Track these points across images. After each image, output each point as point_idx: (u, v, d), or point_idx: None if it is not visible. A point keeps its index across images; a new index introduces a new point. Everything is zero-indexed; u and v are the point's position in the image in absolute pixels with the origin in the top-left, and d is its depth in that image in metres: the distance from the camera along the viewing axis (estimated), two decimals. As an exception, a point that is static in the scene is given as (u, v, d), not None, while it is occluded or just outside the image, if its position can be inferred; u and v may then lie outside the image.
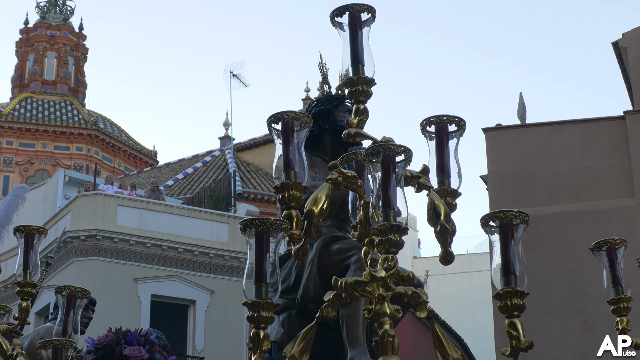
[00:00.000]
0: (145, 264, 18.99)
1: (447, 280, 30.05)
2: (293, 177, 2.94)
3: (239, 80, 24.87)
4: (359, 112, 3.07)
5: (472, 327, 27.78)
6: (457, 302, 29.58)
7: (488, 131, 14.69)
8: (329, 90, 4.76)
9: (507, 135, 14.84)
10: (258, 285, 2.71)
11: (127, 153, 33.62)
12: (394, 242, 2.60)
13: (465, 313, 29.05)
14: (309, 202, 2.95)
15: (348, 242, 4.30)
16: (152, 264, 19.08)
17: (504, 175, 14.43)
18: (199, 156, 28.15)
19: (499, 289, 2.65)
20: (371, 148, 2.66)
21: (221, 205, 21.81)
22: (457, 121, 2.99)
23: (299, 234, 2.93)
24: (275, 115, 2.97)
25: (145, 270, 18.93)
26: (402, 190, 2.67)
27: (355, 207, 3.20)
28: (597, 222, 13.19)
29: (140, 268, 18.88)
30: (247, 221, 2.73)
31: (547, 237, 13.37)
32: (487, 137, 14.64)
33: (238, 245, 19.62)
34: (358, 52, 3.05)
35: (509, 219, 2.67)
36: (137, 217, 19.25)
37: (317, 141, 4.68)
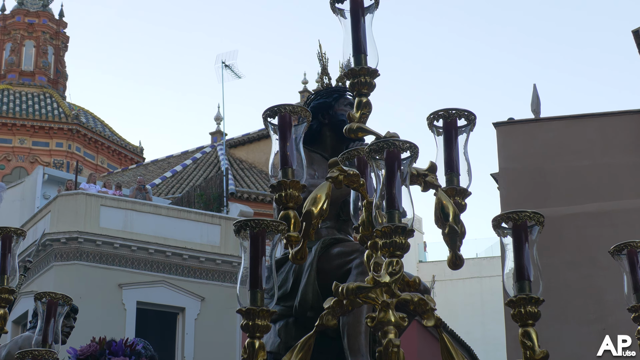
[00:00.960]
0: (131, 269, 18.98)
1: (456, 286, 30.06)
2: (290, 175, 2.95)
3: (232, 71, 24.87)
4: (362, 105, 3.08)
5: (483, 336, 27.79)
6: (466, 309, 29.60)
7: (499, 126, 14.71)
8: (328, 82, 4.76)
9: (519, 130, 14.85)
10: (253, 291, 2.72)
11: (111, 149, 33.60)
12: (399, 245, 2.61)
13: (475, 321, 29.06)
14: (307, 202, 2.96)
15: (349, 245, 4.30)
16: (138, 269, 19.07)
17: (516, 173, 14.44)
18: (188, 153, 28.15)
19: (512, 296, 2.65)
20: (374, 144, 2.66)
21: (212, 206, 21.80)
22: (467, 115, 3.00)
23: (297, 236, 2.93)
24: (272, 109, 2.97)
25: (130, 276, 18.92)
26: (408, 190, 2.68)
27: (357, 208, 3.21)
28: (617, 223, 13.20)
29: (126, 273, 18.87)
30: (241, 222, 2.74)
31: (563, 240, 13.38)
32: (499, 133, 14.65)
33: (231, 249, 19.61)
34: (360, 40, 3.05)
35: (522, 220, 2.68)
36: (121, 218, 19.24)
37: (316, 137, 4.69)
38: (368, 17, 3.08)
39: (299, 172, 2.98)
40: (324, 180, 3.09)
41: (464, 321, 28.01)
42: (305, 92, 27.86)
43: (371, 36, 3.08)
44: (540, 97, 15.60)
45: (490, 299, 28.09)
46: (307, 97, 4.86)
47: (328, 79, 4.76)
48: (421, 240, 32.27)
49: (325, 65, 4.73)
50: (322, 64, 4.73)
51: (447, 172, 2.98)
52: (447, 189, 2.95)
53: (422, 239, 32.49)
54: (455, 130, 2.98)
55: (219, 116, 28.28)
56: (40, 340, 3.43)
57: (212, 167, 25.96)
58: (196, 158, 26.94)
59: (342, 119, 4.63)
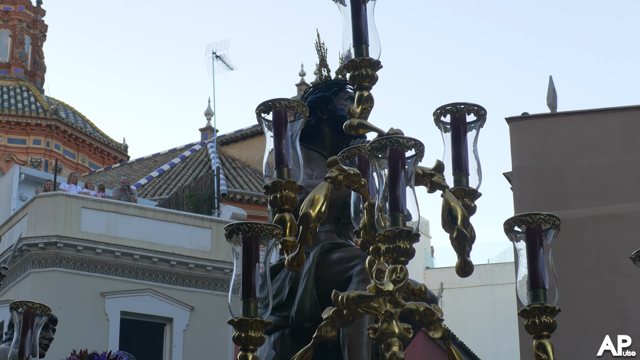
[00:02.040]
0: (114, 276, 18.98)
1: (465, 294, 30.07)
2: (286, 175, 2.95)
3: (223, 63, 24.88)
4: (363, 99, 3.09)
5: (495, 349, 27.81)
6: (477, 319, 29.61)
7: (512, 121, 14.71)
8: (327, 74, 4.76)
9: (534, 125, 14.86)
10: (246, 300, 2.72)
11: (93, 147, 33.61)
12: (403, 250, 2.62)
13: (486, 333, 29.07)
14: (304, 204, 2.97)
15: (350, 250, 4.31)
16: (122, 276, 19.07)
17: (530, 172, 14.45)
18: (176, 151, 28.15)
19: (526, 305, 2.66)
20: (377, 141, 2.67)
21: (203, 208, 21.80)
22: (477, 110, 3.00)
23: (294, 241, 2.94)
24: (266, 104, 2.98)
25: (113, 284, 18.92)
26: (413, 191, 2.68)
27: (358, 210, 3.21)
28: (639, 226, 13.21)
29: (108, 281, 18.87)
30: (234, 226, 2.74)
31: (581, 245, 13.38)
32: (512, 128, 14.65)
33: (222, 254, 19.62)
34: (361, 30, 3.05)
35: (537, 224, 2.69)
36: (104, 221, 19.24)
37: (313, 133, 4.69)
38: (370, 5, 3.08)
39: (295, 172, 2.99)
40: (323, 181, 3.10)
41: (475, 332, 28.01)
42: (302, 84, 27.87)
43: (373, 25, 3.08)
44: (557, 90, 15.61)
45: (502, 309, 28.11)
46: (304, 90, 4.87)
47: (327, 71, 4.77)
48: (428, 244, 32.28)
49: (324, 57, 4.74)
50: (321, 55, 4.74)
51: (455, 172, 2.98)
52: (455, 190, 2.95)
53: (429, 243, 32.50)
54: (464, 126, 2.99)
55: (210, 111, 28.29)
56: (17, 354, 3.43)
57: (202, 166, 25.96)
58: (185, 156, 26.95)
59: (341, 115, 4.64)
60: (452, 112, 2.99)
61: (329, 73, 4.76)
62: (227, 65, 24.99)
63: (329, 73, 4.76)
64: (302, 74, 27.97)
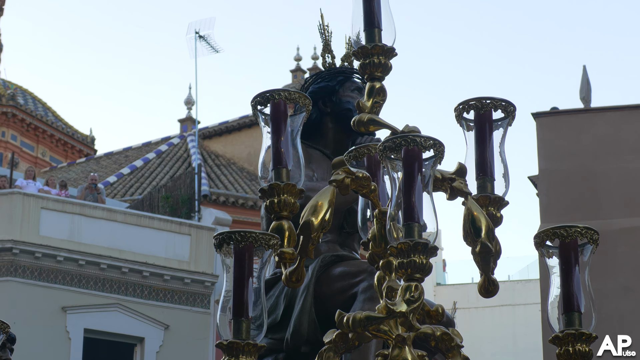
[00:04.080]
0: (77, 288, 18.97)
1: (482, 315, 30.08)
2: (285, 177, 2.97)
3: (207, 44, 24.87)
4: (374, 91, 3.10)
5: (514, 378, 27.81)
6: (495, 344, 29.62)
7: (540, 117, 14.74)
8: (332, 61, 4.78)
9: (565, 122, 14.88)
10: (237, 320, 2.74)
11: (55, 138, 33.59)
12: (419, 265, 2.63)
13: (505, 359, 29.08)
14: (306, 211, 2.98)
15: (355, 264, 4.32)
16: (87, 288, 19.06)
17: (560, 176, 14.47)
18: (151, 144, 28.15)
19: (558, 331, 2.67)
20: (390, 140, 2.68)
21: (181, 211, 21.80)
22: (505, 106, 3.02)
23: (293, 252, 2.95)
24: (263, 95, 2.99)
25: (77, 297, 18.91)
26: (431, 197, 2.70)
27: (366, 218, 3.23)
28: (684, 240, 13.23)
29: (71, 293, 18.86)
30: (224, 235, 2.75)
31: (617, 260, 13.40)
32: (539, 125, 14.68)
33: (203, 264, 19.62)
34: (374, 11, 3.07)
35: (572, 238, 2.70)
36: (67, 224, 19.23)
37: (315, 129, 4.71)
38: (384, -18, 3.10)
39: (295, 174, 3.00)
40: (326, 184, 3.11)
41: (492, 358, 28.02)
42: (298, 70, 27.88)
43: (387, 7, 3.10)
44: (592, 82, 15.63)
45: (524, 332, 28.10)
46: (304, 79, 4.89)
47: (331, 57, 4.78)
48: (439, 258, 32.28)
49: (328, 41, 4.75)
50: (324, 38, 4.75)
51: (479, 176, 2.99)
52: (479, 197, 2.96)
53: (441, 256, 32.51)
54: (489, 124, 3.00)
55: (191, 99, 28.28)
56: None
57: (180, 162, 25.96)
58: (161, 151, 26.94)
59: (347, 108, 4.65)
60: (477, 108, 3.00)
61: (334, 60, 4.78)
62: (211, 47, 24.98)
63: (334, 60, 4.78)
64: (297, 58, 27.98)
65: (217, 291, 19.35)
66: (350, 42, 4.70)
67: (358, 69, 3.24)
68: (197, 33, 24.63)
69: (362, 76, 3.18)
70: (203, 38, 24.72)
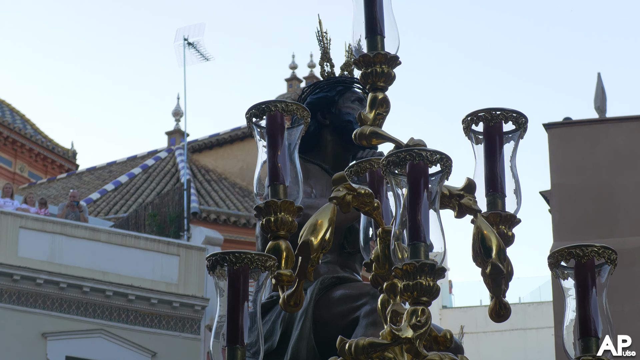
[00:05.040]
0: (58, 313, 18.96)
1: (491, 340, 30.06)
2: (282, 193, 2.97)
3: (197, 51, 24.91)
4: (377, 102, 3.11)
5: (526, 407, 27.78)
6: (505, 371, 29.59)
7: (552, 128, 14.75)
8: (331, 70, 4.79)
9: (578, 134, 14.89)
10: (231, 348, 2.74)
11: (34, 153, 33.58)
12: (426, 288, 2.64)
13: (516, 388, 29.05)
14: (305, 230, 2.99)
15: (357, 286, 4.32)
16: (69, 313, 19.04)
17: (573, 190, 14.47)
18: (137, 159, 28.14)
19: (574, 357, 2.68)
20: (394, 154, 2.69)
21: (169, 229, 21.80)
22: (516, 117, 3.03)
23: (291, 275, 2.96)
24: (258, 107, 3.00)
25: (57, 322, 18.88)
26: (438, 215, 2.70)
27: (368, 238, 3.23)
28: None
29: (51, 318, 18.84)
30: (218, 256, 2.76)
31: (635, 281, 13.40)
32: (551, 137, 14.69)
33: (192, 287, 19.61)
34: (376, 17, 3.08)
35: (589, 258, 2.70)
36: (47, 245, 19.22)
37: (313, 142, 4.71)
38: (387, -14, 3.11)
39: (293, 190, 3.01)
40: (326, 201, 3.11)
41: (502, 386, 27.99)
42: (293, 79, 27.91)
43: (390, 13, 3.11)
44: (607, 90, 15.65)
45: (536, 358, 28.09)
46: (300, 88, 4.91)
47: (330, 66, 4.79)
48: (445, 279, 32.28)
49: (327, 48, 4.76)
50: (323, 45, 4.76)
51: (489, 193, 3.00)
52: (489, 215, 2.97)
53: (447, 277, 32.50)
54: (500, 137, 3.01)
55: (179, 110, 28.32)
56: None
57: (168, 177, 25.97)
58: (147, 166, 26.95)
59: (347, 120, 4.66)
60: (486, 120, 3.01)
61: (333, 69, 4.79)
62: (201, 55, 25.02)
63: (333, 69, 4.79)
64: (293, 66, 28.02)
65: (207, 316, 19.34)
66: (350, 50, 4.71)
67: (359, 79, 3.25)
68: (185, 40, 24.68)
69: (364, 86, 3.20)
70: (192, 45, 24.76)
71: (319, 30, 4.75)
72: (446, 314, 30.58)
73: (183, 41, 24.64)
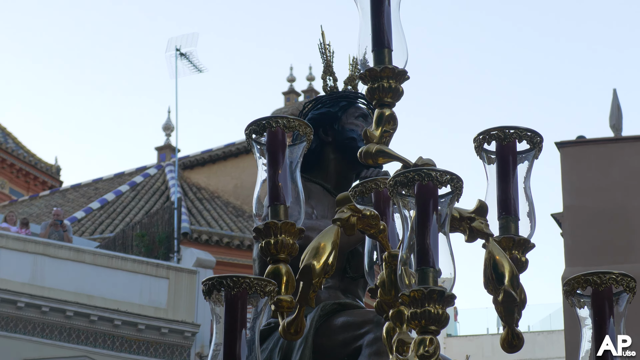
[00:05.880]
0: (40, 339, 18.94)
1: (499, 371, 30.01)
2: (283, 214, 2.98)
3: (189, 62, 24.96)
4: (384, 119, 3.11)
5: None
6: (513, 404, 29.60)
7: (565, 147, 14.78)
8: (333, 84, 4.80)
9: (592, 152, 14.91)
10: (228, 377, 2.74)
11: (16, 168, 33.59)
12: (434, 316, 2.64)
13: (524, 422, 29.02)
14: (306, 254, 2.99)
15: (360, 313, 4.32)
16: (51, 339, 19.02)
17: (587, 213, 14.49)
18: (124, 175, 28.17)
19: (590, 391, 2.68)
20: (402, 174, 2.70)
21: (158, 251, 21.80)
22: (530, 136, 3.03)
23: (291, 300, 2.96)
24: (259, 123, 3.01)
25: (40, 348, 18.86)
26: (447, 239, 2.71)
27: (373, 262, 3.23)
28: None
29: (32, 344, 18.82)
30: (215, 280, 2.76)
31: None
32: (564, 156, 14.71)
33: (182, 312, 19.59)
34: (383, 29, 3.09)
35: (607, 285, 2.71)
36: (29, 266, 19.22)
37: (314, 160, 4.72)
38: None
39: (294, 211, 3.01)
40: (328, 222, 3.12)
41: (510, 421, 27.97)
42: (291, 93, 27.96)
43: (398, 24, 3.11)
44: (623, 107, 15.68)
45: (546, 391, 28.06)
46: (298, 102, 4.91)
47: (333, 80, 4.80)
48: (450, 305, 32.30)
49: (330, 61, 4.77)
50: (326, 58, 4.77)
51: (502, 216, 3.00)
52: (502, 239, 2.97)
53: (452, 303, 32.51)
54: (513, 156, 3.01)
55: (170, 125, 28.34)
56: None
57: (157, 195, 25.98)
58: (135, 183, 26.97)
59: (351, 137, 4.67)
60: (499, 139, 3.01)
61: (336, 83, 4.80)
62: (193, 66, 25.07)
63: (336, 83, 4.80)
64: (291, 79, 28.06)
65: (198, 343, 19.32)
66: (355, 63, 4.72)
67: (364, 94, 3.25)
68: (178, 50, 24.72)
69: (370, 102, 3.20)
70: (184, 56, 24.81)
71: (321, 41, 4.75)
72: (451, 343, 30.56)
73: (175, 51, 24.70)
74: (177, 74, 24.69)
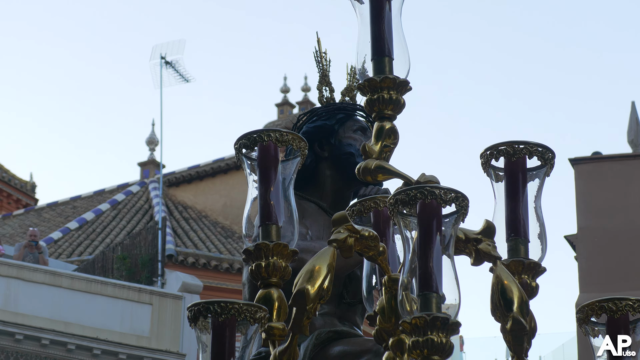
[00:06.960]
0: (13, 368, 18.91)
1: (508, 404, 30.03)
2: (275, 235, 2.98)
3: (175, 71, 24.98)
4: (384, 133, 3.12)
5: None
6: None
7: (579, 164, 14.80)
8: (330, 95, 4.80)
9: (609, 170, 14.94)
10: (215, 410, 2.74)
11: (-12, 185, 33.57)
12: (437, 345, 2.64)
13: None
14: (300, 277, 2.99)
15: (358, 342, 4.32)
16: (24, 369, 18.99)
17: (603, 235, 14.50)
18: (104, 193, 28.16)
19: None
20: (403, 192, 2.70)
21: (140, 275, 21.77)
22: (541, 152, 3.04)
23: (283, 328, 2.96)
24: (249, 137, 3.01)
25: (12, 379, 18.84)
26: (452, 262, 2.71)
27: (371, 286, 3.23)
28: None
29: (5, 374, 18.80)
30: (201, 306, 2.76)
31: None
32: (578, 174, 14.73)
33: (166, 341, 19.56)
34: (384, 37, 3.09)
35: (623, 313, 2.71)
36: (1, 290, 19.20)
37: (309, 177, 4.72)
38: (395, 3, 3.12)
39: (287, 231, 3.01)
40: (324, 244, 3.11)
41: None
42: (285, 104, 27.99)
43: (400, 32, 3.12)
44: (642, 121, 15.70)
45: None
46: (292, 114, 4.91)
47: (329, 90, 4.80)
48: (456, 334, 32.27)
49: (326, 71, 4.78)
50: (322, 68, 4.77)
51: (511, 237, 3.01)
52: (510, 263, 2.98)
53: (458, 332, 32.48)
54: (523, 174, 3.02)
55: (154, 138, 28.34)
56: None
57: (140, 215, 25.96)
58: (117, 201, 26.96)
59: (349, 152, 4.67)
60: (508, 155, 3.02)
61: (332, 94, 4.80)
62: (180, 76, 25.09)
63: (332, 94, 4.80)
64: (284, 89, 28.09)
65: (183, 373, 19.28)
66: (353, 73, 4.72)
67: (363, 106, 3.26)
68: (163, 58, 24.74)
69: (369, 114, 3.20)
70: (170, 64, 24.83)
71: (317, 50, 4.76)
72: (456, 375, 30.53)
73: (160, 60, 24.71)
74: (162, 83, 24.70)
